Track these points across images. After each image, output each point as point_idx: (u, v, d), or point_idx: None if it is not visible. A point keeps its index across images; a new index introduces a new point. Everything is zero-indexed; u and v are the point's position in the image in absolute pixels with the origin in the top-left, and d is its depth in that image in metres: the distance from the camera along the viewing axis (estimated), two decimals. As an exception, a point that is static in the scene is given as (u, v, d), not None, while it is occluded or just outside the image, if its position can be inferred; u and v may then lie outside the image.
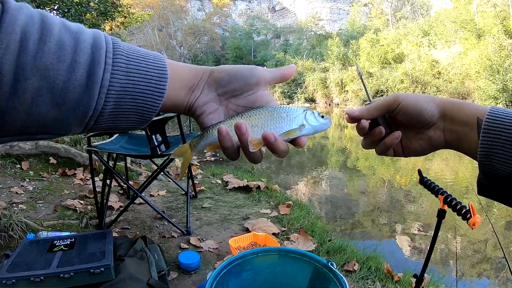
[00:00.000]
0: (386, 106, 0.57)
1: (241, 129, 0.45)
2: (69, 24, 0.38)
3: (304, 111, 0.51)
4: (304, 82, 32.83)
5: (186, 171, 3.69)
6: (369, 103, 0.60)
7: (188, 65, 0.49)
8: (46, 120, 0.36)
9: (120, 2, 7.89)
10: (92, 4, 6.84)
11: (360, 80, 0.67)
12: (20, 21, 0.34)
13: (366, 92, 0.65)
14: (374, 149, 0.61)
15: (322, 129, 0.51)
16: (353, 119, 0.59)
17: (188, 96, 0.47)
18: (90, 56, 0.37)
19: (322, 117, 0.51)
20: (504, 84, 17.62)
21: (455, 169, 6.94)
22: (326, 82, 30.95)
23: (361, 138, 0.63)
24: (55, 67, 0.35)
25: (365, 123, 0.59)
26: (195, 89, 0.48)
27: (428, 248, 1.29)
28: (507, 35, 19.88)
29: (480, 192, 0.52)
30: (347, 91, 27.61)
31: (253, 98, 0.50)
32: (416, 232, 3.95)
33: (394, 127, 0.59)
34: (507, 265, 1.16)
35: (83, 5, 6.29)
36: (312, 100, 32.39)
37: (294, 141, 0.49)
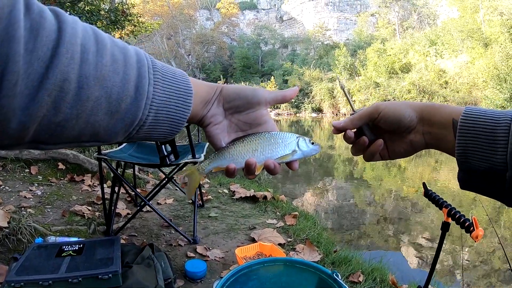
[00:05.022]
0: (368, 115, 0.62)
1: (251, 167, 0.53)
2: (115, 39, 0.42)
3: (297, 138, 0.57)
4: (311, 92, 32.87)
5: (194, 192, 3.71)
6: (353, 114, 0.64)
7: (205, 82, 0.54)
8: (100, 128, 0.40)
9: (130, 11, 7.99)
10: (102, 12, 6.92)
11: (343, 93, 0.75)
12: (79, 33, 0.36)
13: (350, 104, 0.71)
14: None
15: (311, 154, 0.57)
16: (338, 130, 0.64)
17: (203, 109, 0.53)
18: (137, 71, 0.41)
19: (312, 143, 0.57)
20: (512, 93, 17.52)
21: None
22: (333, 92, 30.96)
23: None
24: (112, 79, 0.38)
25: (350, 133, 0.63)
26: (209, 103, 0.53)
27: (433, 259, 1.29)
28: (514, 44, 19.83)
29: (462, 187, 0.55)
30: (355, 101, 27.54)
31: (253, 116, 0.56)
32: (423, 243, 3.93)
33: (378, 133, 0.63)
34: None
35: (94, 14, 6.36)
36: (319, 110, 32.40)
37: (288, 164, 0.56)
